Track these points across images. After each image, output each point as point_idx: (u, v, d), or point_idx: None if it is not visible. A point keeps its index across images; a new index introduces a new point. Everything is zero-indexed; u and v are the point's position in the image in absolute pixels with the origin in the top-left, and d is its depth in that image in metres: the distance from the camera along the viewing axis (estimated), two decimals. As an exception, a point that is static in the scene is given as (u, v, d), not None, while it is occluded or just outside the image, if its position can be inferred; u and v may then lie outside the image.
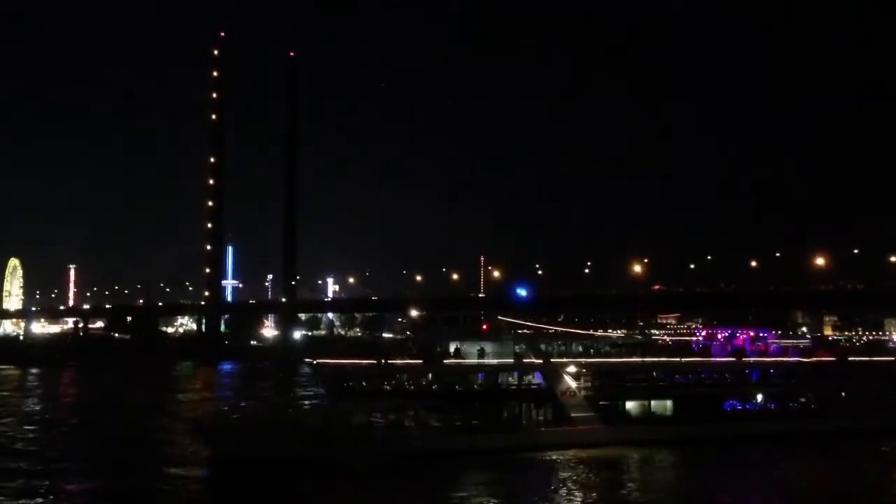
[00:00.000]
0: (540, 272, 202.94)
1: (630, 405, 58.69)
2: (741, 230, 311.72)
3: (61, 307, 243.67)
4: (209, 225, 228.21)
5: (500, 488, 46.81)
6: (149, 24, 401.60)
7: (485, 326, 57.36)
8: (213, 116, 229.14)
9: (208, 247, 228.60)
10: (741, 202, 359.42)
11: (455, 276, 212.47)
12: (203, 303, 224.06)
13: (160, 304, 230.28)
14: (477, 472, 49.36)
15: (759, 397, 63.47)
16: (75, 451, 55.16)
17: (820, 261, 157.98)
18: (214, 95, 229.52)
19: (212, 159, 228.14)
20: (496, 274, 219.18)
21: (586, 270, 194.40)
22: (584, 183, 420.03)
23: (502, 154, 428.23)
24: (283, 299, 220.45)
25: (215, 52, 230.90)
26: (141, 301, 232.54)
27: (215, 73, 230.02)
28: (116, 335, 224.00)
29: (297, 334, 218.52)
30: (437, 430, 52.47)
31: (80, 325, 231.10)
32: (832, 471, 54.34)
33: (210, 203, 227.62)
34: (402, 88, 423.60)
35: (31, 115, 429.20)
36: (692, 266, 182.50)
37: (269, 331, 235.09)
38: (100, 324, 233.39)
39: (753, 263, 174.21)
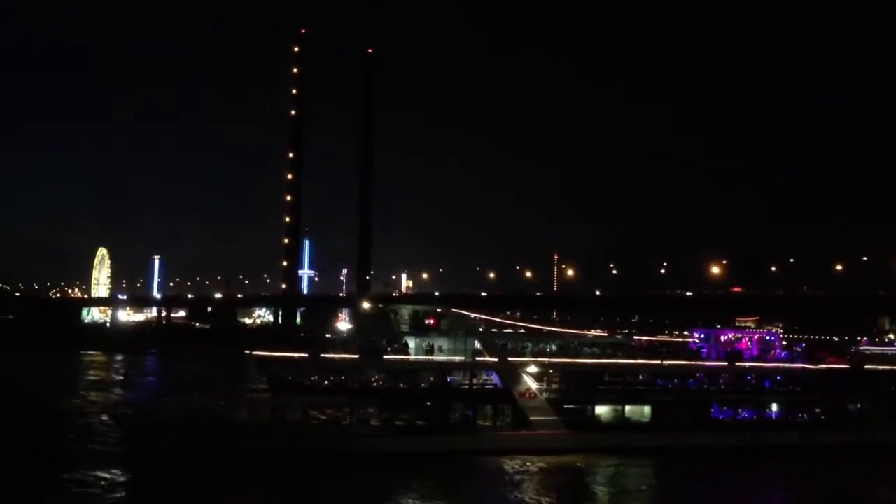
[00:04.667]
0: (615, 272, 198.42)
1: (601, 410, 55.12)
2: (828, 233, 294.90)
3: (145, 296, 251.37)
4: (287, 219, 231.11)
5: (428, 493, 44.36)
6: (230, 22, 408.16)
7: (432, 321, 54.44)
8: (292, 112, 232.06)
9: (285, 240, 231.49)
10: (829, 206, 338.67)
11: (528, 274, 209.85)
12: (279, 295, 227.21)
13: (239, 295, 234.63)
14: (413, 476, 46.83)
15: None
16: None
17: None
18: (294, 91, 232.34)
19: (290, 154, 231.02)
20: (570, 273, 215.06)
21: (662, 271, 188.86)
22: (666, 181, 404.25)
23: (587, 154, 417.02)
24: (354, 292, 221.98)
25: (295, 49, 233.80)
26: (220, 292, 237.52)
27: (295, 70, 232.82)
28: (197, 324, 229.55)
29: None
30: (377, 429, 50.14)
31: (163, 313, 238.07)
32: (818, 490, 49.64)
33: (288, 197, 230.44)
34: (482, 83, 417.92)
35: (121, 112, 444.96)
36: (773, 269, 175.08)
37: (343, 324, 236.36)
38: (182, 313, 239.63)
39: (839, 267, 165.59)
